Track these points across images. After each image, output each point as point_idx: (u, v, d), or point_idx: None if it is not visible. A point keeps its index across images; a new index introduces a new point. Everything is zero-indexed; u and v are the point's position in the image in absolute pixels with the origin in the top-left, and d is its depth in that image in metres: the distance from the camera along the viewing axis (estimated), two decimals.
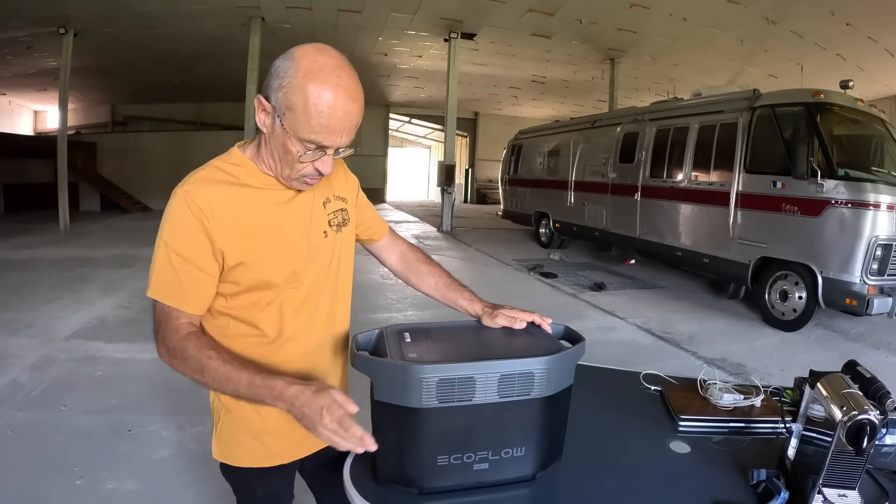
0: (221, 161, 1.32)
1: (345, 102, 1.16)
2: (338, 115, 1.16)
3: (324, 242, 1.41)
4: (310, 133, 1.17)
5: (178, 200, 1.23)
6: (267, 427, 1.40)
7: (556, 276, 9.28)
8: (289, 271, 1.33)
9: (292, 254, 1.34)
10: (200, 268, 1.24)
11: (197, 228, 1.22)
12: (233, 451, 1.43)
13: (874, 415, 1.09)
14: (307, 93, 1.13)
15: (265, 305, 1.33)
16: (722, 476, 1.34)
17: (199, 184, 1.25)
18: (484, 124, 29.09)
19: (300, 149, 1.20)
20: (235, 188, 1.27)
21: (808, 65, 13.64)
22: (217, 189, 1.25)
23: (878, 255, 5.73)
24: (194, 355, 1.18)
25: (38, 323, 5.85)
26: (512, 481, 1.24)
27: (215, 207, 1.23)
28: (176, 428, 3.64)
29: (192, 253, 1.23)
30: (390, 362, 1.16)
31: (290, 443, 1.45)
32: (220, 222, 1.23)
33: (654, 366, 2.00)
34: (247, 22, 13.37)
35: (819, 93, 6.49)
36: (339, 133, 1.19)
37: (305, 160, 1.22)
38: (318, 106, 1.14)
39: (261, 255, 1.29)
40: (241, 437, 1.42)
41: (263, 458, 1.44)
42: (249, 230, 1.27)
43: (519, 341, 1.38)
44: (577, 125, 12.10)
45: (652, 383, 1.87)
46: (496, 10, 12.77)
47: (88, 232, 13.68)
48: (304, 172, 1.25)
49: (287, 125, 1.17)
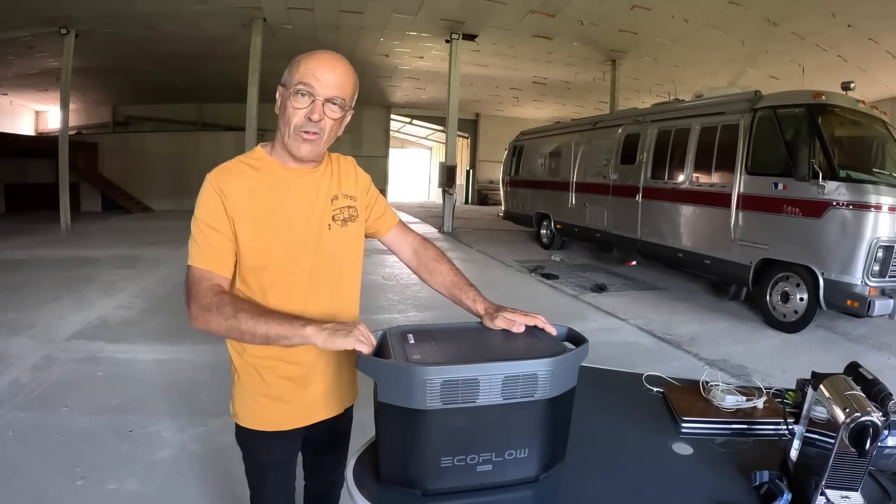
0: (246, 156, 1.54)
1: (329, 58, 1.44)
2: (323, 64, 1.43)
3: (328, 234, 1.56)
4: (299, 77, 1.41)
5: (206, 185, 1.46)
6: (270, 391, 1.57)
7: (557, 278, 9.27)
8: (288, 255, 1.50)
9: (294, 240, 1.51)
10: (227, 236, 1.44)
11: (220, 205, 1.43)
12: (242, 413, 1.61)
13: (877, 416, 1.09)
14: (301, 58, 1.44)
15: (269, 287, 1.49)
16: (724, 478, 1.34)
17: (222, 172, 1.47)
18: (485, 125, 29.08)
19: (294, 94, 1.42)
20: (251, 179, 1.48)
21: (809, 66, 13.62)
22: (236, 178, 1.47)
23: (879, 256, 5.72)
24: (230, 303, 1.35)
25: (39, 323, 5.85)
26: (515, 483, 1.24)
27: (233, 192, 1.44)
28: (177, 429, 3.64)
29: (219, 223, 1.43)
30: (394, 364, 1.16)
31: (291, 410, 1.59)
32: (235, 204, 1.44)
33: (656, 367, 2.00)
34: (248, 23, 13.37)
35: (820, 94, 6.48)
36: (324, 81, 1.42)
37: (298, 105, 1.42)
38: (307, 59, 1.43)
39: (265, 237, 1.47)
40: (245, 398, 1.60)
41: (263, 420, 1.59)
42: (258, 215, 1.46)
43: (522, 343, 1.38)
44: (579, 126, 12.10)
45: (654, 385, 1.87)
46: (497, 11, 12.76)
47: (89, 232, 13.68)
48: (299, 122, 1.44)
49: (285, 82, 1.45)
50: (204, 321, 1.35)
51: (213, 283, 1.40)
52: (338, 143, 1.60)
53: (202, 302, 1.35)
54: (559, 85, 20.21)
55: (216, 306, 1.34)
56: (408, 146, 36.18)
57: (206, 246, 1.43)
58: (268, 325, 1.30)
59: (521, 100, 24.11)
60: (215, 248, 1.43)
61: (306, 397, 1.60)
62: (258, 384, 1.57)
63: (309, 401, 1.61)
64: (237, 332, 1.33)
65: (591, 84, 19.05)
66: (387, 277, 8.61)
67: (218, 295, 1.37)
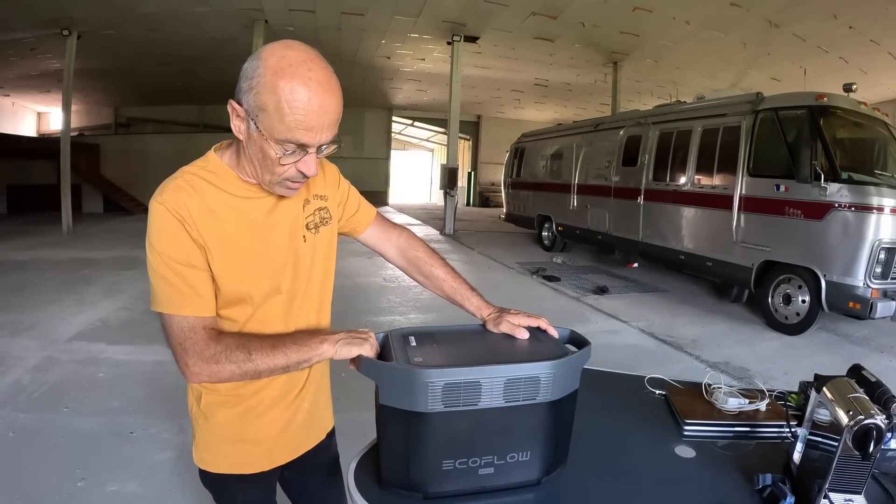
0: (197, 168, 1.26)
1: (319, 96, 1.10)
2: (314, 111, 1.10)
3: (303, 247, 1.37)
4: (286, 133, 1.11)
5: (159, 212, 1.18)
6: (245, 434, 1.38)
7: (559, 280, 9.27)
8: (271, 285, 1.30)
9: (275, 265, 1.31)
10: (203, 268, 1.20)
11: (184, 234, 1.17)
12: (212, 458, 1.40)
13: (880, 419, 1.08)
14: (278, 90, 1.07)
15: (248, 318, 1.30)
16: (727, 480, 1.34)
17: (175, 192, 1.19)
18: (487, 127, 29.11)
19: (279, 151, 1.13)
20: (214, 197, 1.22)
21: (810, 68, 13.63)
22: (194, 197, 1.20)
23: (881, 258, 5.72)
24: (238, 346, 1.18)
25: (40, 324, 5.86)
26: (517, 486, 1.23)
27: (196, 216, 1.18)
28: (178, 430, 3.63)
29: (190, 256, 1.18)
30: (396, 366, 1.15)
31: (269, 450, 1.42)
32: (203, 230, 1.19)
33: (657, 369, 1.99)
34: (250, 24, 13.39)
35: (822, 96, 6.48)
36: (318, 130, 1.12)
37: (287, 162, 1.15)
38: (292, 103, 1.08)
39: (242, 267, 1.25)
40: (219, 445, 1.39)
41: (241, 464, 1.40)
42: (231, 240, 1.23)
43: (525, 345, 1.37)
44: (580, 128, 12.11)
45: (656, 387, 1.86)
46: (499, 13, 12.78)
47: (91, 233, 13.71)
48: (287, 175, 1.19)
49: (262, 127, 1.11)
50: (211, 374, 1.18)
51: (207, 330, 1.19)
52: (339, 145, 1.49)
53: (206, 355, 1.17)
54: (561, 87, 20.23)
55: (224, 355, 1.17)
56: (409, 148, 36.22)
57: (186, 288, 1.18)
58: (286, 356, 1.19)
59: (523, 102, 24.13)
60: (195, 288, 1.19)
61: (288, 429, 1.45)
62: (232, 427, 1.37)
63: (291, 433, 1.46)
64: (254, 375, 1.20)
65: (593, 86, 19.08)
66: (388, 279, 8.60)
67: (220, 342, 1.18)
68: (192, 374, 1.18)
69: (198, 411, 1.38)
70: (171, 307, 1.18)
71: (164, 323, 1.19)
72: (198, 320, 1.18)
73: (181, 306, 1.18)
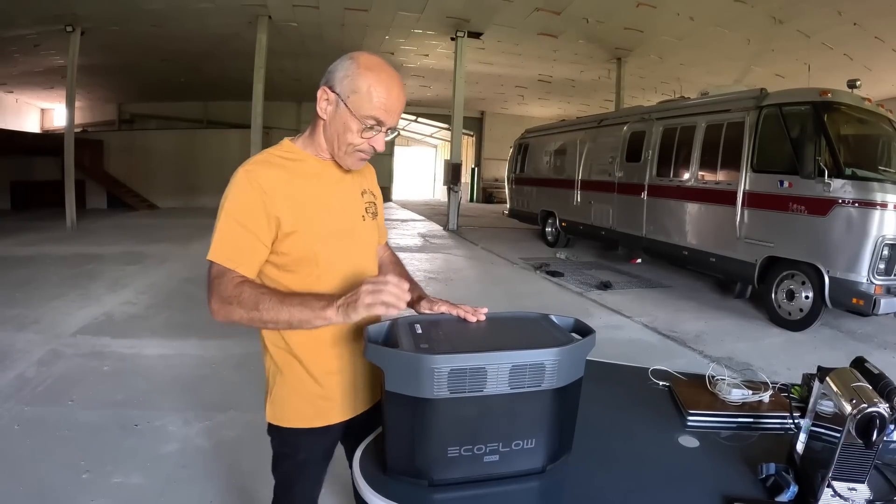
0: (275, 149, 1.53)
1: (397, 88, 1.43)
2: (393, 97, 1.42)
3: (362, 225, 1.61)
4: (371, 110, 1.41)
5: (241, 178, 1.42)
6: (315, 389, 1.55)
7: (563, 275, 9.27)
8: (333, 243, 1.51)
9: (336, 226, 1.53)
10: (257, 236, 1.41)
11: (257, 202, 1.40)
12: (284, 413, 1.57)
13: (884, 408, 1.08)
14: (369, 80, 1.39)
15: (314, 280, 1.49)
16: (731, 470, 1.34)
17: (259, 165, 1.46)
18: (490, 123, 29.07)
19: (362, 124, 1.42)
20: (290, 170, 1.48)
21: (815, 65, 13.57)
22: (274, 171, 1.45)
23: (885, 254, 5.70)
24: (250, 294, 1.34)
25: (44, 318, 5.88)
26: (522, 474, 1.24)
27: (274, 185, 1.42)
28: (182, 423, 3.65)
29: (251, 222, 1.40)
30: (402, 353, 1.16)
31: (335, 405, 1.58)
32: (277, 197, 1.41)
33: (661, 364, 2.00)
34: (254, 20, 13.40)
35: (826, 92, 6.46)
36: (392, 112, 1.44)
37: (365, 136, 1.44)
38: (378, 89, 1.40)
39: (310, 225, 1.46)
40: (291, 400, 1.56)
41: (311, 418, 1.57)
42: (301, 204, 1.46)
43: (530, 332, 1.38)
44: (584, 124, 12.09)
45: (660, 379, 1.87)
46: (503, 8, 12.77)
47: (95, 229, 13.74)
48: (361, 147, 1.47)
49: (351, 106, 1.41)
50: (225, 315, 1.35)
51: (234, 279, 1.37)
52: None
53: (223, 295, 1.35)
54: (564, 83, 20.19)
55: (236, 299, 1.33)
56: (413, 144, 36.17)
57: (231, 243, 1.40)
58: (289, 312, 1.32)
59: (527, 98, 24.09)
60: (240, 246, 1.40)
61: (351, 387, 1.59)
62: (306, 383, 1.55)
63: (357, 391, 1.60)
64: (260, 322, 1.35)
65: (597, 82, 19.03)
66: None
67: (238, 286, 1.35)
68: (212, 312, 1.37)
69: (274, 368, 1.57)
70: (213, 253, 1.40)
71: (208, 268, 1.41)
72: (228, 270, 1.38)
73: (220, 254, 1.39)
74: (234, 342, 5.15)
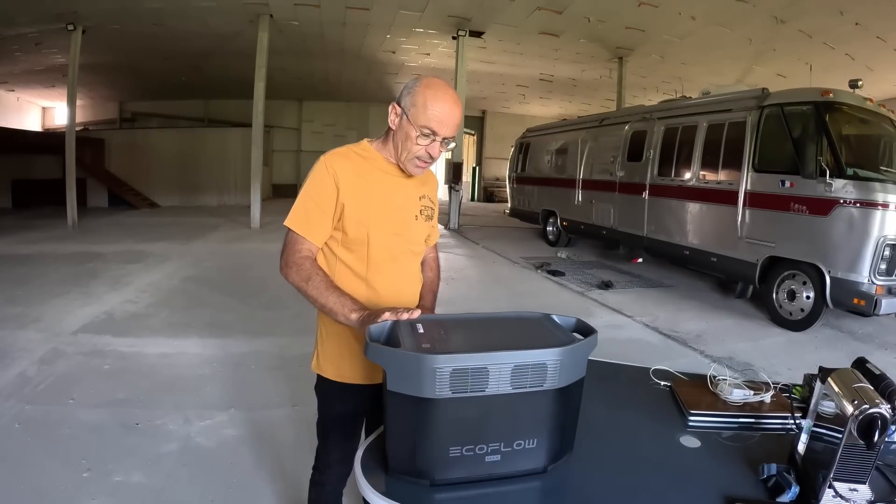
0: (354, 146, 1.83)
1: (450, 104, 1.69)
2: (446, 110, 1.67)
3: (414, 224, 1.87)
4: (426, 121, 1.66)
5: (321, 164, 1.75)
6: (351, 348, 1.81)
7: (564, 275, 9.27)
8: (383, 231, 1.77)
9: (390, 219, 1.79)
10: (325, 213, 1.73)
11: (330, 184, 1.72)
12: (325, 366, 1.87)
13: (885, 408, 1.08)
14: (426, 95, 1.67)
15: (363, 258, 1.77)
16: (732, 470, 1.34)
17: (337, 156, 1.76)
18: (491, 122, 29.01)
19: (418, 132, 1.68)
20: (361, 165, 1.78)
21: (816, 64, 13.55)
22: (349, 162, 1.76)
23: (886, 255, 5.70)
24: (308, 268, 1.68)
25: (45, 317, 5.88)
26: (523, 474, 1.24)
27: (346, 173, 1.73)
28: (183, 422, 3.65)
29: (322, 200, 1.72)
30: (404, 352, 1.16)
31: (365, 367, 1.79)
32: (347, 184, 1.72)
33: (662, 364, 2.00)
34: (255, 19, 13.37)
35: (828, 92, 6.46)
36: (446, 124, 1.68)
37: (421, 143, 1.70)
38: (433, 102, 1.66)
39: (367, 213, 1.74)
40: (331, 355, 1.86)
41: (344, 374, 1.84)
42: (365, 193, 1.75)
43: (532, 332, 1.38)
44: (585, 124, 12.07)
45: (661, 379, 1.87)
46: (504, 7, 12.75)
47: (96, 227, 13.74)
48: (418, 154, 1.72)
49: (411, 117, 1.68)
50: (286, 273, 1.69)
51: (302, 247, 1.71)
52: (345, 139, 1.77)
53: (291, 258, 1.69)
54: (566, 82, 20.16)
55: (297, 267, 1.67)
56: None
57: (304, 215, 1.72)
58: (326, 299, 1.62)
59: (528, 97, 24.05)
60: (311, 219, 1.72)
61: None
62: (346, 342, 1.81)
63: None
64: (304, 293, 1.66)
65: (598, 81, 19.01)
66: None
67: (304, 259, 1.70)
68: (280, 268, 1.72)
69: (321, 324, 1.88)
70: (290, 221, 1.73)
71: (286, 232, 1.74)
72: (300, 239, 1.72)
73: (295, 223, 1.73)
74: (235, 341, 5.15)
